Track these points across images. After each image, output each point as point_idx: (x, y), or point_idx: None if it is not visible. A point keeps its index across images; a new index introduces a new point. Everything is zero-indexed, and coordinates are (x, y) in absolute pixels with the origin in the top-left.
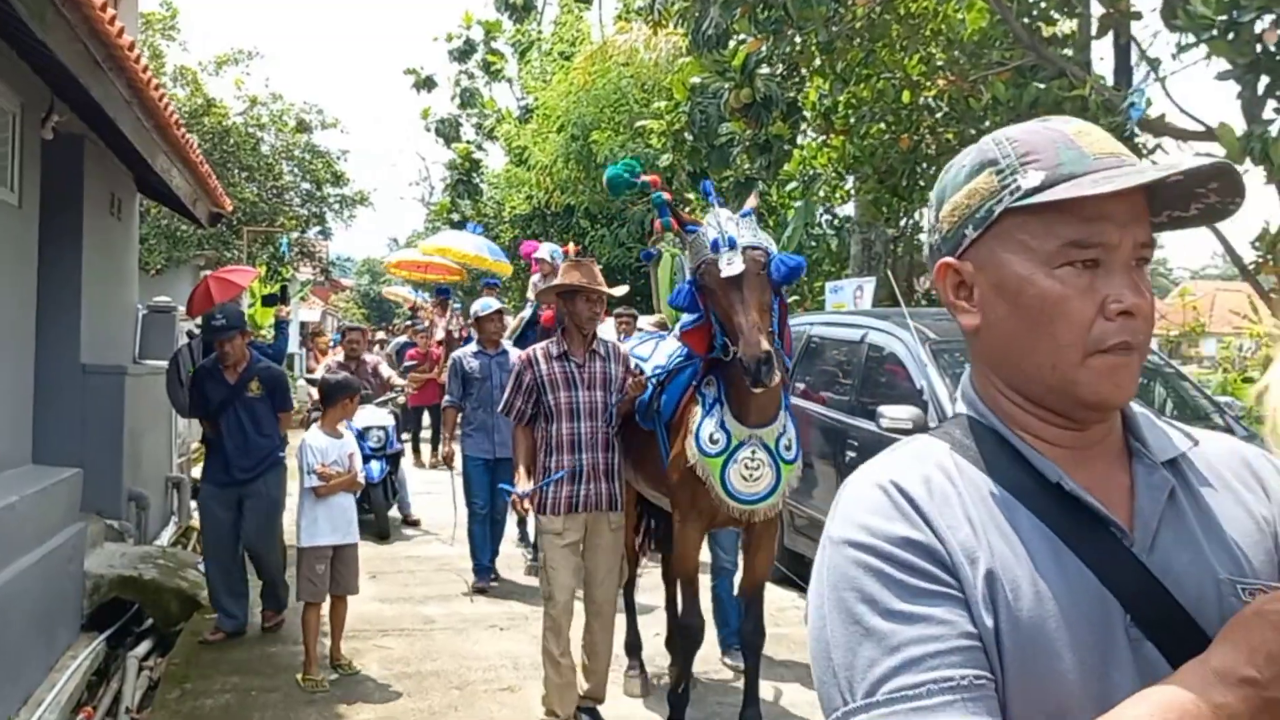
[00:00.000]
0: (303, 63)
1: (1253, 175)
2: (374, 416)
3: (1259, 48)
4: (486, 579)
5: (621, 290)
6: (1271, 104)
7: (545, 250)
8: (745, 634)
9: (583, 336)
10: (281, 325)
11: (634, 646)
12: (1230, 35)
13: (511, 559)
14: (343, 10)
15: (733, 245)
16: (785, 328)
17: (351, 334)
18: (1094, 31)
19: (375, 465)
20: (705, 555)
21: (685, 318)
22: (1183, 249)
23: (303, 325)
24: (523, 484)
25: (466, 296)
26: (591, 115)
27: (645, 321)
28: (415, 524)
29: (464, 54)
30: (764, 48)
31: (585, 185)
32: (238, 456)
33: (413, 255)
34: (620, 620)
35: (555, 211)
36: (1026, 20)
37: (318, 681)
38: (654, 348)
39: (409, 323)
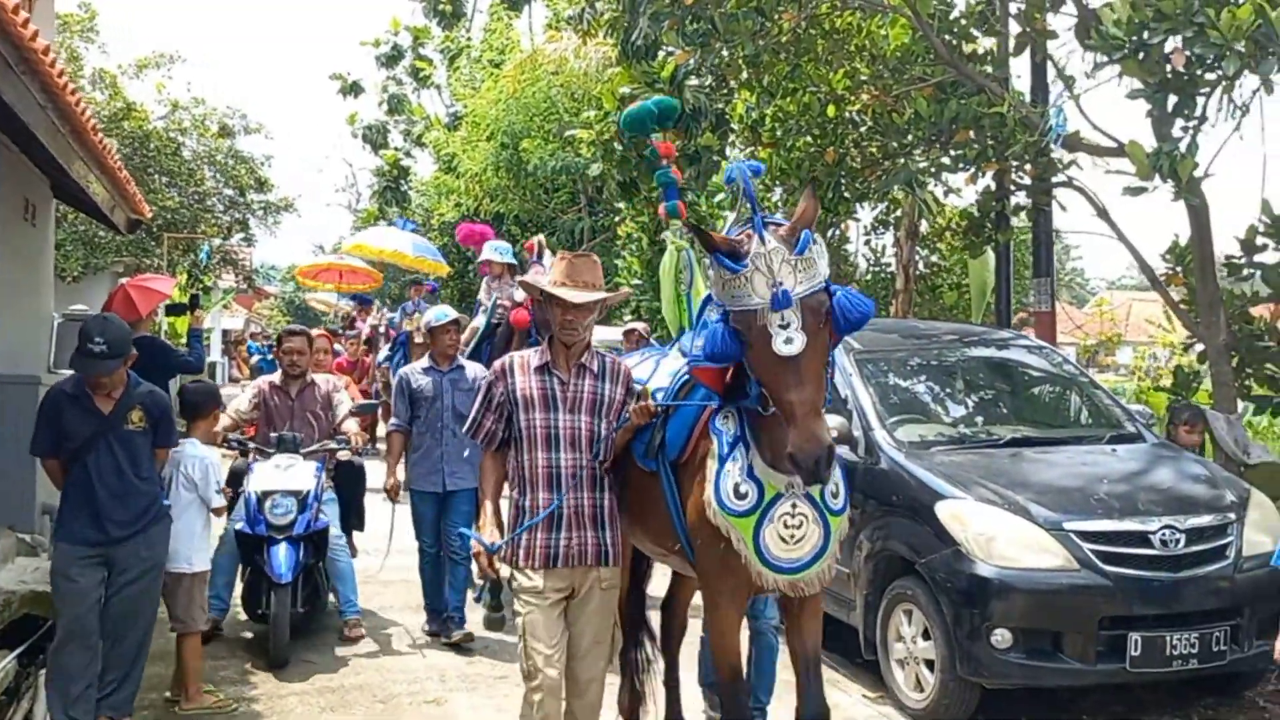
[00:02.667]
0: (227, 67)
1: (1163, 191)
2: (289, 475)
3: (1168, 68)
4: (446, 628)
5: (622, 295)
6: (1179, 122)
7: (490, 250)
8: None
9: (566, 348)
10: (195, 334)
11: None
12: (1140, 55)
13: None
14: (269, 14)
15: (787, 303)
16: None
17: (291, 341)
18: (1011, 49)
19: (281, 553)
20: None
21: (696, 350)
22: (1100, 260)
23: (225, 334)
24: (489, 530)
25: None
26: (521, 123)
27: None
28: (358, 639)
29: (391, 60)
30: (691, 60)
31: (515, 193)
32: (112, 507)
33: (326, 260)
34: (610, 695)
35: (485, 219)
36: (948, 37)
37: (221, 701)
38: (654, 366)
39: (339, 330)
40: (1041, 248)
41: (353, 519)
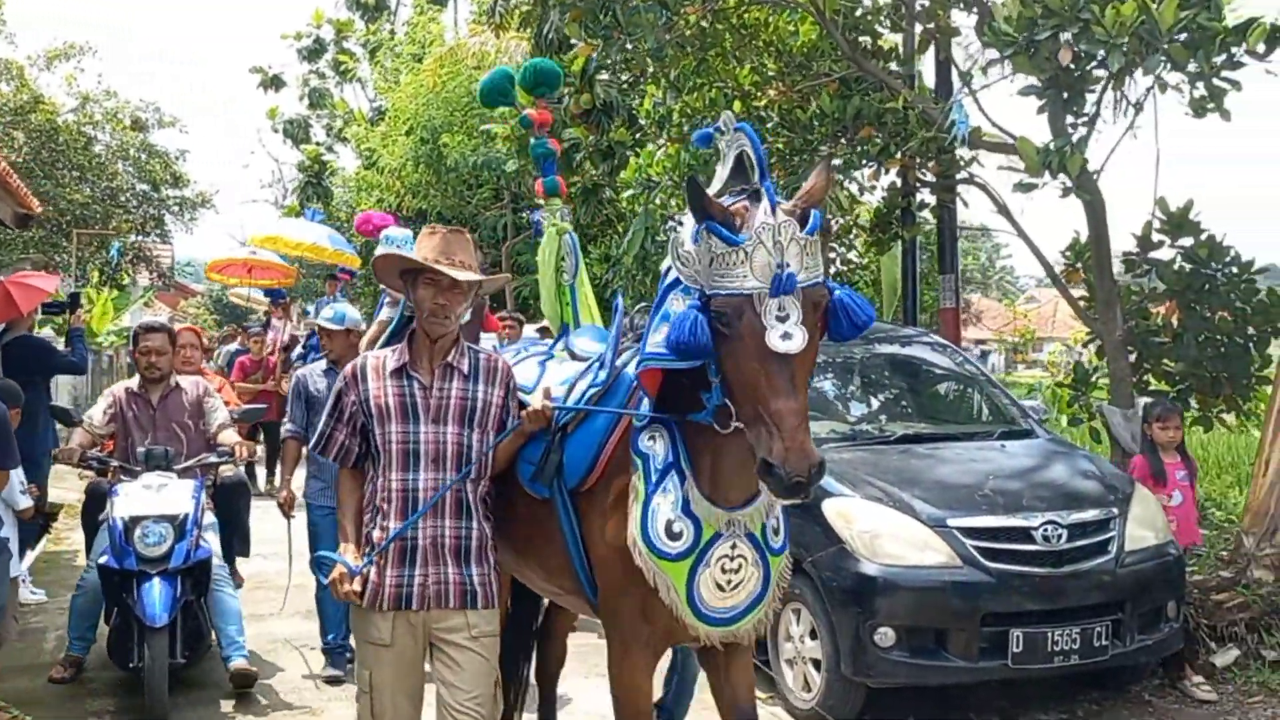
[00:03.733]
0: (145, 59)
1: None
2: (161, 497)
3: (1058, 64)
4: (342, 664)
5: (500, 280)
6: (1070, 118)
7: (399, 235)
8: None
9: (431, 342)
10: (76, 334)
11: None
12: (1031, 52)
13: None
14: (189, 5)
15: (791, 287)
16: None
17: (149, 339)
18: (916, 46)
19: (155, 591)
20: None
21: (655, 347)
22: (1030, 258)
23: None
24: (351, 553)
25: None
26: (441, 118)
27: (527, 330)
28: (248, 685)
29: (314, 53)
30: (595, 54)
31: (436, 189)
32: None
33: (237, 254)
34: None
35: (407, 215)
36: (853, 33)
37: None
38: (539, 371)
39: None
40: (946, 244)
41: (236, 544)
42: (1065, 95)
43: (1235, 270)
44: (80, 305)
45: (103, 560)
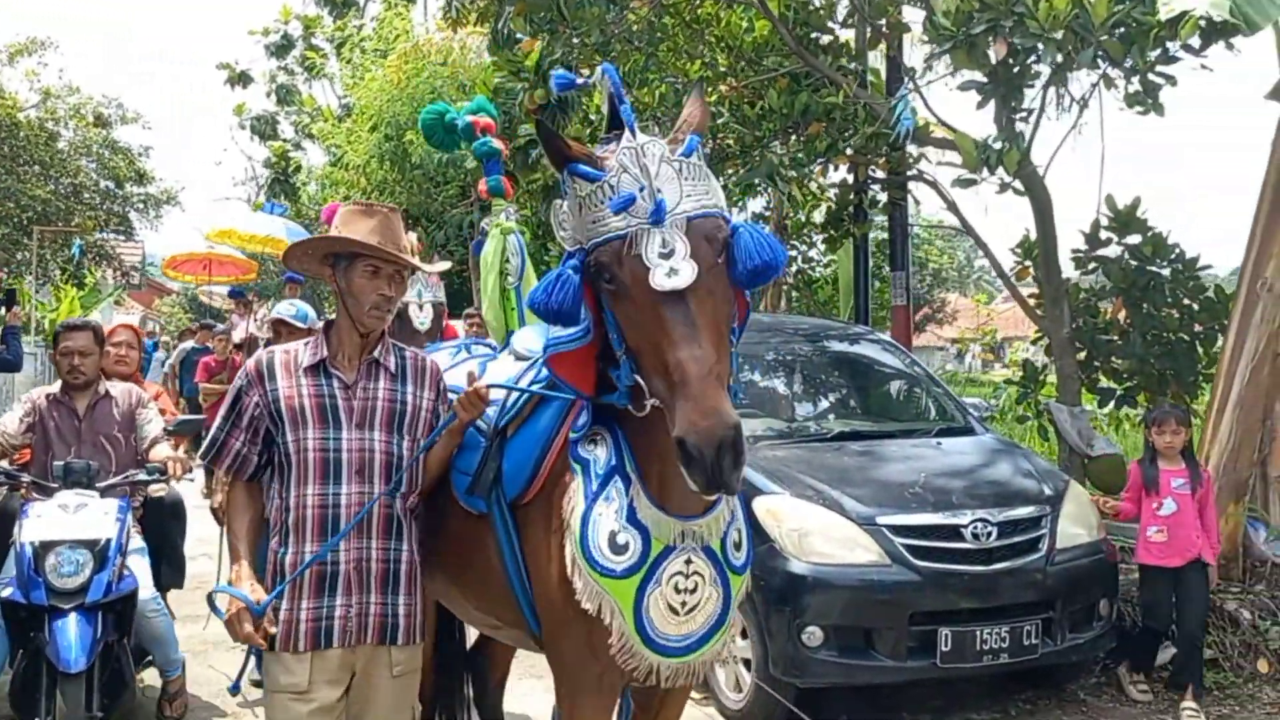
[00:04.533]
0: (113, 55)
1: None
2: (80, 520)
3: (995, 58)
4: None
5: (441, 266)
6: (1009, 114)
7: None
8: None
9: (361, 337)
10: (12, 331)
11: None
12: (970, 47)
13: None
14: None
15: (662, 215)
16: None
17: (71, 338)
18: (867, 41)
19: (70, 630)
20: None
21: (556, 331)
22: (1008, 256)
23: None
24: (248, 584)
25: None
26: (407, 115)
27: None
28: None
29: (282, 50)
30: (538, 47)
31: (402, 186)
32: None
33: (196, 249)
34: None
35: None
36: (805, 29)
37: None
38: (479, 369)
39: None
40: (897, 241)
41: (167, 573)
42: (1004, 91)
43: (1180, 267)
44: (16, 302)
45: (7, 593)
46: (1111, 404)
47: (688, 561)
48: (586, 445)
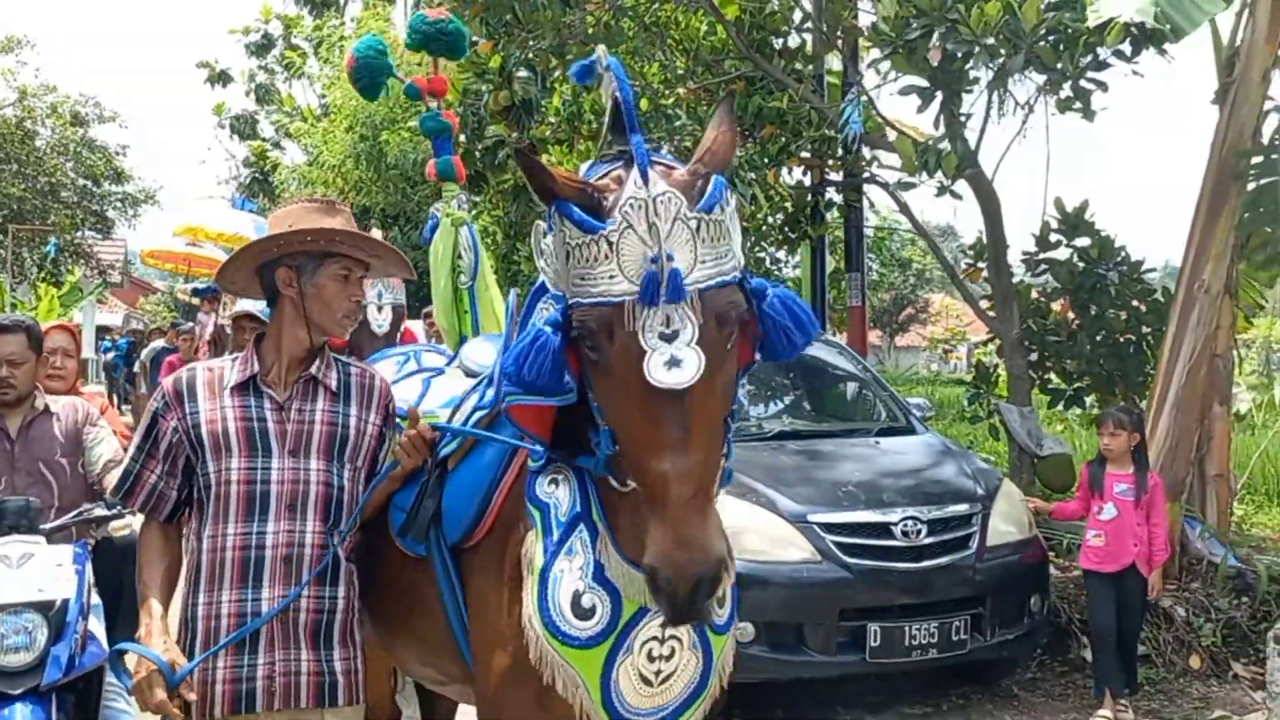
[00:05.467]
0: (98, 53)
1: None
2: (25, 576)
3: (935, 64)
4: None
5: (407, 274)
6: (944, 118)
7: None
8: None
9: (306, 351)
10: None
11: None
12: (908, 52)
13: None
14: (143, 5)
15: (679, 294)
16: None
17: None
18: (822, 46)
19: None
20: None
21: (508, 370)
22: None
23: (104, 330)
24: (159, 641)
25: None
26: (382, 114)
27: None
28: None
29: (262, 49)
30: (494, 50)
31: (378, 186)
32: None
33: (176, 248)
34: None
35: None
36: (761, 32)
37: None
38: (423, 389)
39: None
40: (853, 243)
41: (119, 627)
42: (944, 95)
43: (1126, 269)
44: None
45: None
46: (1061, 404)
47: (664, 625)
48: (546, 484)
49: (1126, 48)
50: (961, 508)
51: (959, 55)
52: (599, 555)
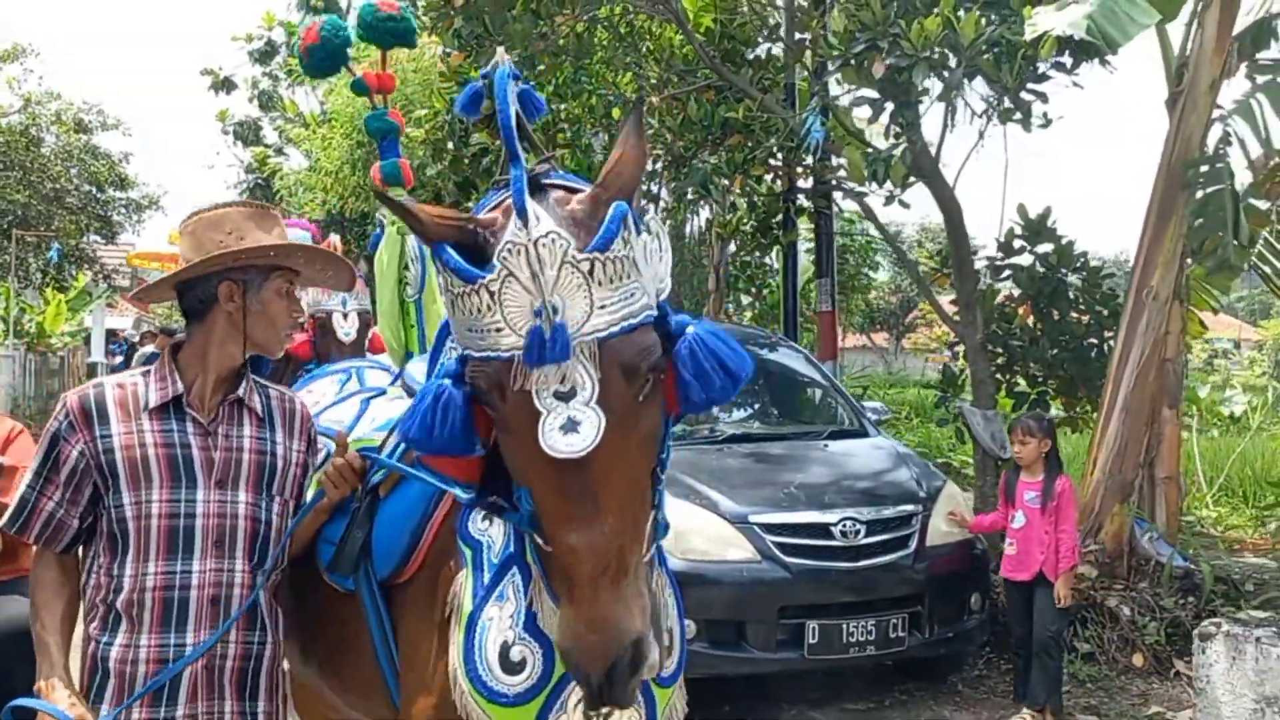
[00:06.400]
0: (98, 54)
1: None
2: None
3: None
4: None
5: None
6: (894, 129)
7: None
8: None
9: (232, 371)
10: None
11: None
12: (855, 65)
13: None
14: (146, 9)
15: (563, 353)
16: None
17: None
18: (791, 56)
19: None
20: None
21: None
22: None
23: (111, 334)
24: (63, 695)
25: None
26: None
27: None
28: None
29: (265, 56)
30: (466, 61)
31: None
32: None
33: (160, 247)
34: None
35: (351, 218)
36: (731, 42)
37: None
38: (359, 409)
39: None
40: (823, 249)
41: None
42: (893, 106)
43: (1086, 275)
44: None
45: None
46: (1025, 407)
47: (584, 711)
48: (480, 519)
49: (1067, 60)
50: (902, 509)
51: (902, 68)
52: (531, 602)
